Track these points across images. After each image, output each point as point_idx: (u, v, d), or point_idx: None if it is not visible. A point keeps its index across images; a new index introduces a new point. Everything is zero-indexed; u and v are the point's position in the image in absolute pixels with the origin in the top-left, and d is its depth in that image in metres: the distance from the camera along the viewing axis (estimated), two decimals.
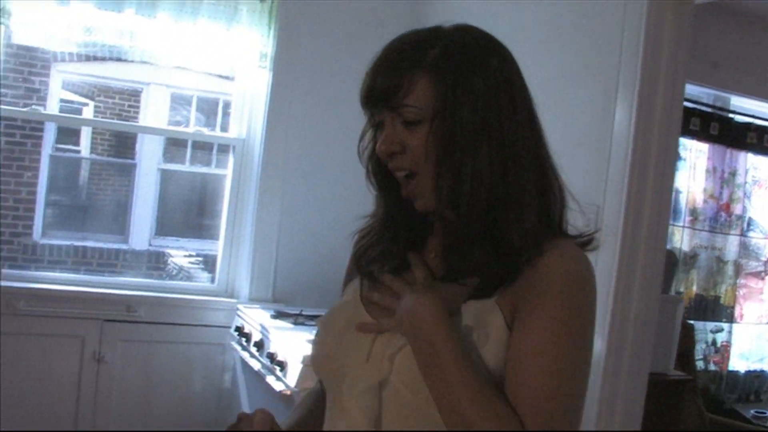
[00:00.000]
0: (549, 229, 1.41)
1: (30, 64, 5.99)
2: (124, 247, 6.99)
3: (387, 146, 1.41)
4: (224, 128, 5.20)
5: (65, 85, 6.87)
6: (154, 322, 4.40)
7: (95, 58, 5.45)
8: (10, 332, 4.20)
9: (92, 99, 7.37)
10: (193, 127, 6.24)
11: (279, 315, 4.09)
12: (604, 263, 3.05)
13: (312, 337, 1.68)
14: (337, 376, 1.46)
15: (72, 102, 7.25)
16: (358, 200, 4.26)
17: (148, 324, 4.40)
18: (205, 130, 4.96)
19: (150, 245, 7.01)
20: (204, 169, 7.09)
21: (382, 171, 1.50)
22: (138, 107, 7.32)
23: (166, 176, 6.99)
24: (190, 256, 5.60)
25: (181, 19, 4.37)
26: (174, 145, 6.99)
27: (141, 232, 6.87)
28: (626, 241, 3.09)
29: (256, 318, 4.05)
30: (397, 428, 1.36)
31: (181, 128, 5.38)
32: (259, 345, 3.79)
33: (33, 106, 4.68)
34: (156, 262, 7.01)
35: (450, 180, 1.37)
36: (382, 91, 1.41)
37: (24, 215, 6.38)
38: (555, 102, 3.40)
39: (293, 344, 3.56)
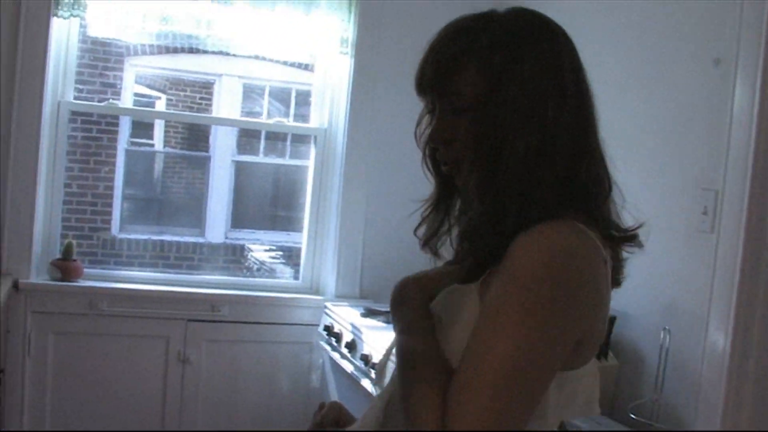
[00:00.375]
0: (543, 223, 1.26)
1: (104, 59, 5.87)
2: (200, 240, 6.87)
3: (438, 134, 1.41)
4: (299, 118, 5.02)
5: (138, 78, 6.76)
6: (238, 321, 4.23)
7: (169, 50, 5.33)
8: (94, 332, 4.08)
9: (164, 92, 7.27)
10: (267, 118, 6.07)
11: (369, 313, 3.89)
12: (724, 254, 2.80)
13: None
14: None
15: (145, 95, 7.16)
16: None
17: (233, 323, 4.23)
18: (286, 121, 4.76)
19: (226, 238, 6.88)
20: (279, 161, 6.93)
21: (436, 156, 1.47)
22: (210, 99, 7.19)
23: (240, 168, 6.85)
24: (271, 250, 5.42)
25: (259, 5, 4.19)
26: (247, 137, 6.85)
27: (217, 225, 6.74)
28: (751, 232, 2.82)
29: (345, 316, 3.85)
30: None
31: (260, 119, 5.17)
32: (351, 346, 3.59)
33: (110, 101, 4.52)
34: (233, 255, 6.88)
35: (483, 170, 1.32)
36: (431, 78, 1.40)
37: (102, 210, 6.30)
38: (666, 82, 3.15)
39: (386, 344, 3.36)
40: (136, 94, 6.86)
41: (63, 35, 4.13)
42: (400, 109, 4.35)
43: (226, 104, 6.93)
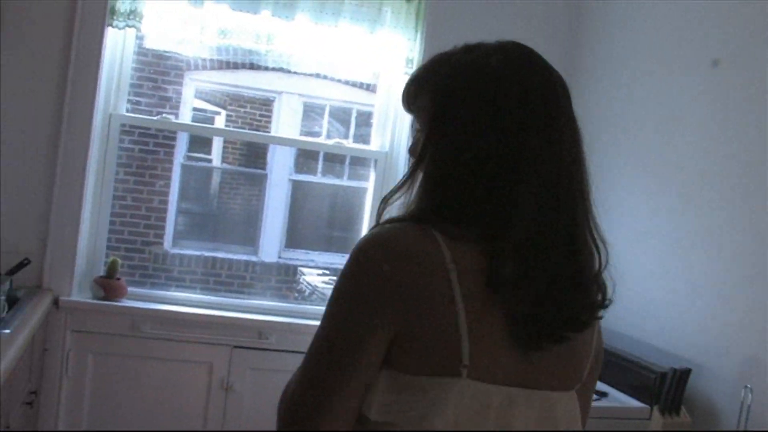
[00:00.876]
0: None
1: (164, 72, 5.74)
2: (253, 258, 6.70)
3: (410, 148, 1.52)
4: (359, 140, 4.81)
5: (198, 93, 6.63)
6: (286, 350, 4.00)
7: (229, 66, 5.17)
8: (135, 355, 3.88)
9: (224, 108, 7.14)
10: (326, 138, 5.88)
11: None
12: None
13: None
14: None
15: (204, 110, 7.03)
16: None
17: (280, 352, 4.00)
18: (345, 142, 4.54)
19: (279, 258, 6.70)
20: (336, 181, 6.75)
21: None
22: (269, 116, 7.04)
23: (296, 187, 6.67)
24: (324, 274, 5.19)
25: (321, 21, 3.97)
26: (305, 156, 6.67)
27: (271, 244, 6.57)
28: None
29: None
30: None
31: (319, 139, 4.95)
32: None
33: (165, 115, 4.34)
34: (285, 275, 6.70)
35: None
36: (404, 98, 1.51)
37: (155, 224, 6.17)
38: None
39: None
40: (195, 109, 6.72)
41: (118, 46, 3.95)
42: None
43: (286, 122, 6.76)
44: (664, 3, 3.66)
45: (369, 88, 4.62)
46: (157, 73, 5.70)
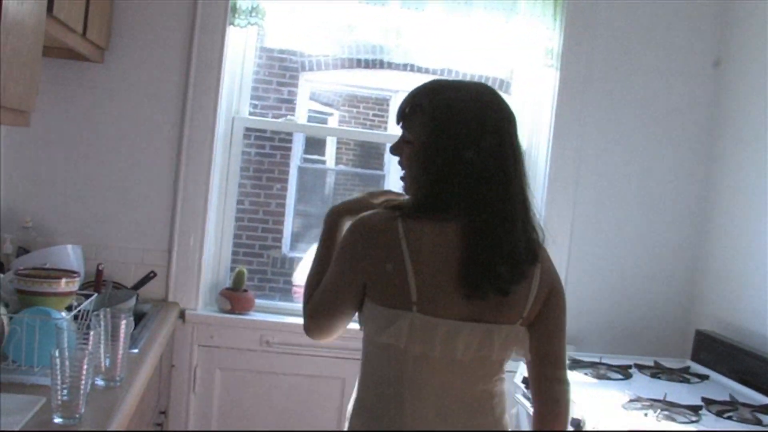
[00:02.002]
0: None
1: (279, 74, 5.54)
2: None
3: (391, 149, 1.98)
4: None
5: (312, 94, 6.44)
6: None
7: (344, 65, 4.93)
8: (264, 370, 3.63)
9: (336, 109, 6.95)
10: None
11: (575, 364, 3.29)
12: None
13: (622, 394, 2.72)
14: None
15: (317, 111, 6.85)
16: (662, 224, 3.69)
17: None
18: None
19: None
20: None
21: None
22: (382, 116, 6.82)
23: None
24: None
25: (454, 10, 3.65)
26: None
27: None
28: None
29: None
30: None
31: None
32: None
33: (287, 117, 4.09)
34: None
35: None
36: (399, 115, 1.95)
37: (273, 228, 6.00)
38: None
39: (602, 408, 2.76)
40: (309, 110, 6.52)
41: (239, 46, 3.71)
42: (611, 130, 3.76)
43: None
44: None
45: (496, 86, 4.30)
46: (273, 75, 5.49)
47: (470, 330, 1.81)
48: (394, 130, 4.17)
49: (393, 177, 6.24)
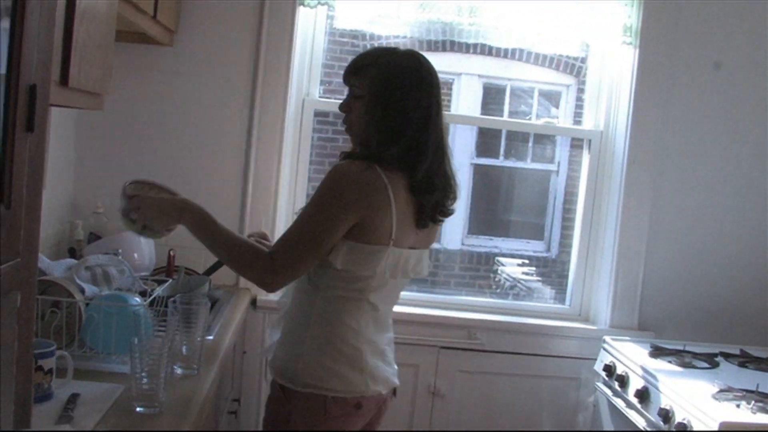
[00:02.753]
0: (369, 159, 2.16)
1: (343, 58, 5.47)
2: (436, 245, 6.37)
3: (341, 106, 2.27)
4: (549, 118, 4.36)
5: None
6: (497, 351, 3.61)
7: (419, 45, 4.83)
8: None
9: None
10: (508, 117, 5.48)
11: (658, 352, 3.17)
12: None
13: (710, 384, 2.78)
14: None
15: None
16: (746, 208, 3.56)
17: (491, 353, 3.61)
18: (556, 122, 4.09)
19: (463, 244, 6.35)
20: (519, 164, 6.34)
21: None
22: (444, 100, 6.70)
23: (478, 171, 6.30)
24: (524, 264, 4.76)
25: None
26: (484, 139, 6.29)
27: (454, 231, 6.21)
28: None
29: (630, 355, 3.13)
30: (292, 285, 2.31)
31: (527, 120, 4.46)
32: (642, 395, 2.86)
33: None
34: (469, 262, 6.36)
35: (359, 130, 2.24)
36: (348, 73, 2.25)
37: None
38: None
39: (691, 398, 2.64)
40: None
41: (309, 27, 3.64)
42: (694, 110, 3.62)
43: (465, 104, 6.39)
44: None
45: (560, 67, 4.19)
46: (335, 59, 5.41)
47: (421, 255, 2.29)
48: (457, 111, 4.06)
49: (457, 159, 6.12)
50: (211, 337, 2.61)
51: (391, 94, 2.14)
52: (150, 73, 3.49)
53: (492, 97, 6.39)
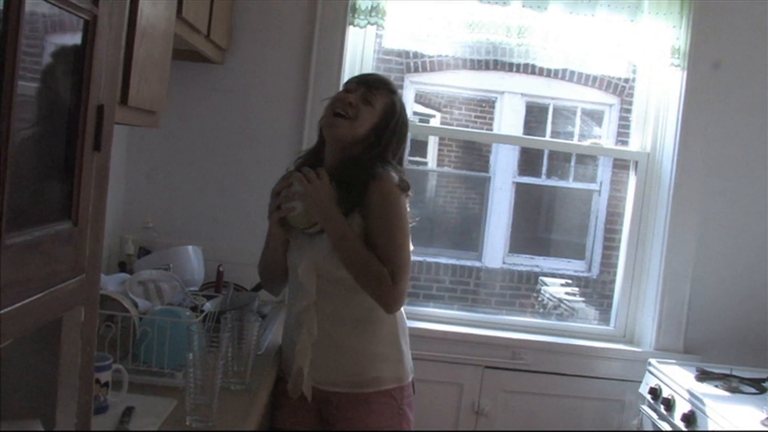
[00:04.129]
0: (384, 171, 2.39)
1: (390, 77, 5.50)
2: (477, 264, 6.34)
3: (352, 99, 2.48)
4: (585, 139, 4.35)
5: (416, 96, 6.36)
6: (541, 371, 3.59)
7: (462, 64, 4.83)
8: None
9: (439, 110, 6.84)
10: (551, 137, 5.46)
11: (705, 376, 3.14)
12: None
13: (758, 410, 2.74)
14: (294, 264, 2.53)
15: (418, 113, 6.76)
16: None
17: (535, 373, 3.59)
18: (602, 142, 4.07)
19: (504, 263, 6.32)
20: (561, 183, 6.31)
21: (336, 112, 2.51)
22: (484, 118, 6.68)
23: (520, 190, 6.27)
24: (567, 284, 4.74)
25: (577, 11, 3.54)
26: (527, 158, 6.27)
27: (495, 249, 6.18)
28: None
29: (676, 378, 3.10)
30: (329, 289, 2.43)
31: (572, 141, 4.46)
32: (689, 420, 2.84)
33: None
34: (510, 281, 6.32)
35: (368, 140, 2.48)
36: (373, 83, 2.53)
37: None
38: None
39: (740, 424, 2.60)
40: (413, 112, 6.44)
41: (358, 45, 3.66)
42: (740, 132, 3.59)
43: (508, 122, 6.38)
44: None
45: (603, 86, 4.18)
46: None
47: None
48: (499, 130, 4.03)
49: (499, 178, 6.13)
50: (260, 353, 2.63)
51: (393, 123, 2.48)
52: (201, 91, 3.52)
53: (534, 115, 6.39)
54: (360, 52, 3.66)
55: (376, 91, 2.48)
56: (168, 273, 2.81)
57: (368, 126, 2.45)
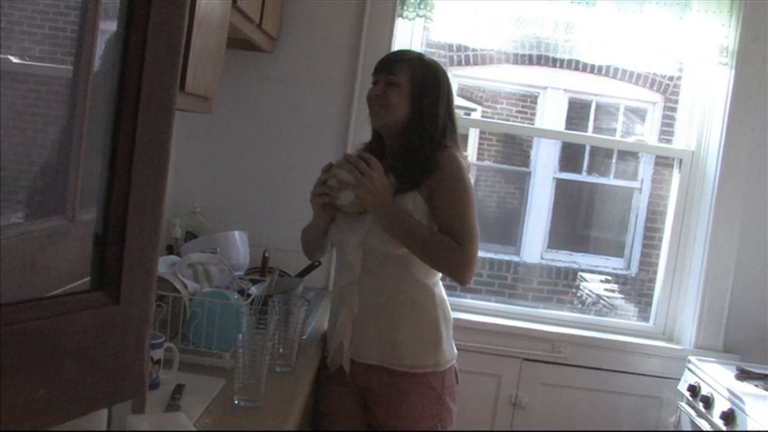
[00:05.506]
0: (445, 149, 2.45)
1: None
2: (515, 258, 6.35)
3: (377, 92, 2.54)
4: (627, 136, 4.35)
5: (459, 90, 6.36)
6: (579, 365, 3.60)
7: (505, 58, 4.84)
8: None
9: (480, 104, 6.84)
10: (593, 132, 5.45)
11: (745, 375, 3.14)
12: None
13: None
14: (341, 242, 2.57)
15: (460, 107, 6.76)
16: None
17: (573, 367, 3.61)
18: (647, 139, 4.07)
19: (542, 258, 6.31)
20: (602, 180, 6.29)
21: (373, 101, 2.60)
22: (525, 113, 6.67)
23: (560, 186, 6.26)
24: (607, 281, 4.74)
25: (626, 6, 3.54)
26: (568, 154, 6.26)
27: (533, 244, 6.18)
28: None
29: (716, 377, 3.11)
30: (373, 267, 2.47)
31: (616, 138, 4.47)
32: (729, 417, 2.84)
33: None
34: (548, 277, 6.32)
35: (411, 120, 2.51)
36: (386, 64, 2.58)
37: None
38: None
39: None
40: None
41: (406, 38, 3.68)
42: None
43: (550, 118, 6.38)
44: None
45: (647, 84, 4.18)
46: None
47: None
48: (541, 125, 4.05)
49: (539, 173, 6.13)
50: (305, 338, 2.67)
51: (427, 90, 2.49)
52: (251, 79, 3.57)
53: (577, 111, 6.38)
54: (408, 44, 3.68)
55: (395, 70, 2.51)
56: (216, 256, 2.87)
57: (404, 104, 2.49)
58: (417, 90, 2.49)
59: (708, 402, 3.03)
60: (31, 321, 1.01)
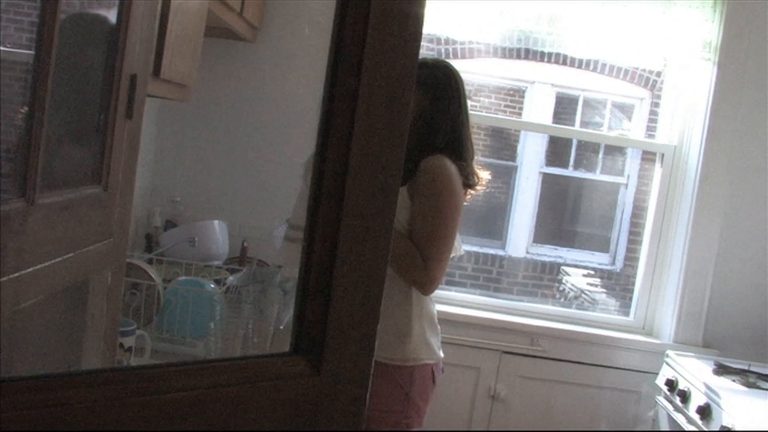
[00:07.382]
0: (435, 156, 2.38)
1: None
2: (500, 252, 6.37)
3: None
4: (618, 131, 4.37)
5: None
6: (559, 359, 3.61)
7: (494, 52, 4.86)
8: None
9: (468, 98, 6.85)
10: (580, 127, 5.47)
11: (722, 370, 3.15)
12: None
13: None
14: None
15: None
16: None
17: (553, 360, 3.62)
18: (628, 134, 4.08)
19: (527, 253, 6.33)
20: (588, 175, 6.32)
21: None
22: (513, 107, 6.69)
23: (546, 180, 6.28)
24: (589, 275, 4.76)
25: (611, 1, 3.55)
26: (554, 149, 6.28)
27: (519, 239, 6.20)
28: None
29: (693, 371, 3.12)
30: None
31: (600, 132, 4.49)
32: (704, 412, 2.86)
33: None
34: (533, 271, 6.34)
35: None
36: None
37: None
38: None
39: (755, 418, 2.62)
40: None
41: None
42: None
43: (536, 112, 6.39)
44: None
45: (635, 79, 4.19)
46: None
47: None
48: (528, 119, 4.07)
49: (526, 167, 6.14)
50: (282, 327, 2.67)
51: (447, 96, 2.43)
52: (232, 68, 3.56)
53: (564, 106, 6.40)
54: None
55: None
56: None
57: (427, 116, 2.46)
58: (424, 96, 2.44)
59: (685, 396, 3.04)
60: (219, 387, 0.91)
